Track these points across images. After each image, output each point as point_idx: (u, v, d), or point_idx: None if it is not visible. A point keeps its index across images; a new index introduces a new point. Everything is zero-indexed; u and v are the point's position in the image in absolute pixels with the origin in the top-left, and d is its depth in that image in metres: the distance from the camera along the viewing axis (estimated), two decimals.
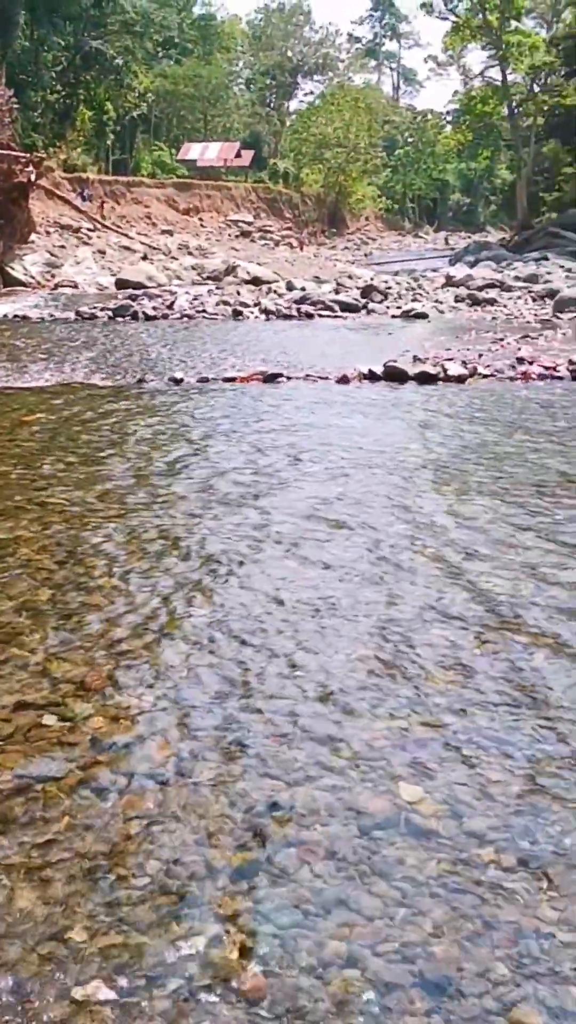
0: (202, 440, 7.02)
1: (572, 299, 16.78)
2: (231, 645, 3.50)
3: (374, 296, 19.89)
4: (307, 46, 71.32)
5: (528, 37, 45.73)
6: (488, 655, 3.42)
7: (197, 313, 17.48)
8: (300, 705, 3.05)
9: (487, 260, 30.23)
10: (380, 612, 3.80)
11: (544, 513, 5.07)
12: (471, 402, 8.60)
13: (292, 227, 55.15)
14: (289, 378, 9.92)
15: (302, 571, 4.26)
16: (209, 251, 37.30)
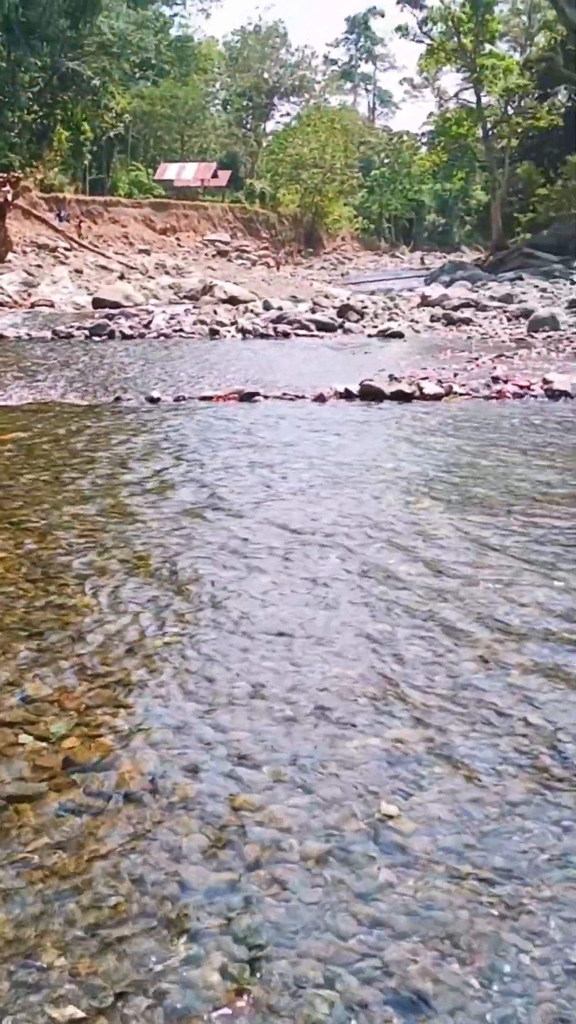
0: (177, 458, 7.01)
1: (546, 319, 16.91)
2: (205, 664, 3.48)
3: (350, 315, 19.98)
4: (283, 68, 71.88)
5: (502, 60, 46.33)
6: (469, 673, 3.42)
7: (174, 332, 17.52)
8: (274, 725, 3.05)
9: (462, 280, 30.42)
10: (354, 630, 3.80)
11: (517, 531, 5.09)
12: (446, 420, 8.65)
13: (269, 247, 55.39)
14: (266, 397, 9.93)
15: (275, 589, 4.26)
16: (186, 270, 37.41)
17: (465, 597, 4.14)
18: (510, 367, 12.10)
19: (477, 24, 44.28)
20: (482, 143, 47.97)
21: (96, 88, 43.23)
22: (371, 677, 3.39)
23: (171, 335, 17.25)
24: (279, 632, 3.79)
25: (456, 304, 21.46)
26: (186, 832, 2.48)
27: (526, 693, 3.25)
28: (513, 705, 3.17)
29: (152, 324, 18.28)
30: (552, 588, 4.24)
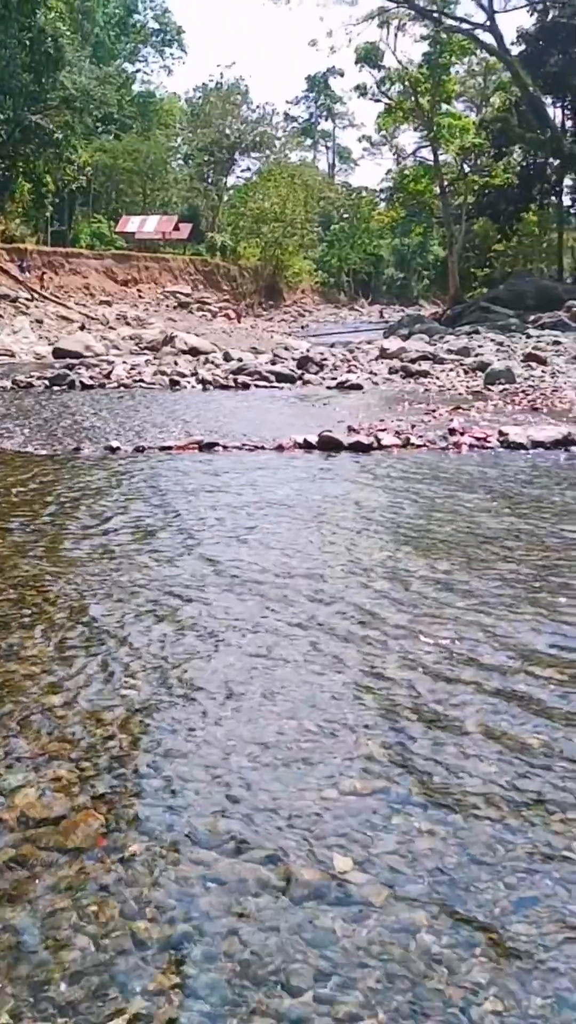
0: (135, 508, 7.04)
1: (502, 372, 17.16)
2: (163, 715, 3.50)
3: (310, 367, 20.15)
4: (244, 124, 72.94)
5: (458, 120, 47.36)
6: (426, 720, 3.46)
7: (134, 383, 17.59)
8: (233, 774, 3.06)
9: (420, 333, 30.78)
10: (310, 677, 3.83)
11: (462, 582, 5.15)
12: (403, 471, 8.74)
13: (230, 299, 55.83)
14: (225, 447, 10.00)
15: (232, 636, 4.28)
16: (147, 321, 37.60)
17: (408, 646, 4.19)
18: (467, 419, 12.25)
19: (434, 85, 45.30)
20: (439, 199, 48.83)
21: (59, 141, 43.57)
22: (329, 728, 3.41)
23: (131, 385, 17.33)
24: (246, 675, 3.81)
25: (414, 357, 21.70)
26: (143, 887, 2.48)
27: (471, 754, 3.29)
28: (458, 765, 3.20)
29: (113, 374, 18.34)
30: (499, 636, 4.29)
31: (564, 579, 5.19)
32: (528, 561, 5.58)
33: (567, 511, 6.96)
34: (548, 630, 4.38)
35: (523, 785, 2.99)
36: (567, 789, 2.97)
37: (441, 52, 44.56)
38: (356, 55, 47.07)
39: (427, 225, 58.37)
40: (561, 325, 30.83)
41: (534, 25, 42.18)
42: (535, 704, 3.59)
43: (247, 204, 62.63)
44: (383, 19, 42.98)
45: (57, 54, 41.86)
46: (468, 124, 48.07)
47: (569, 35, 39.75)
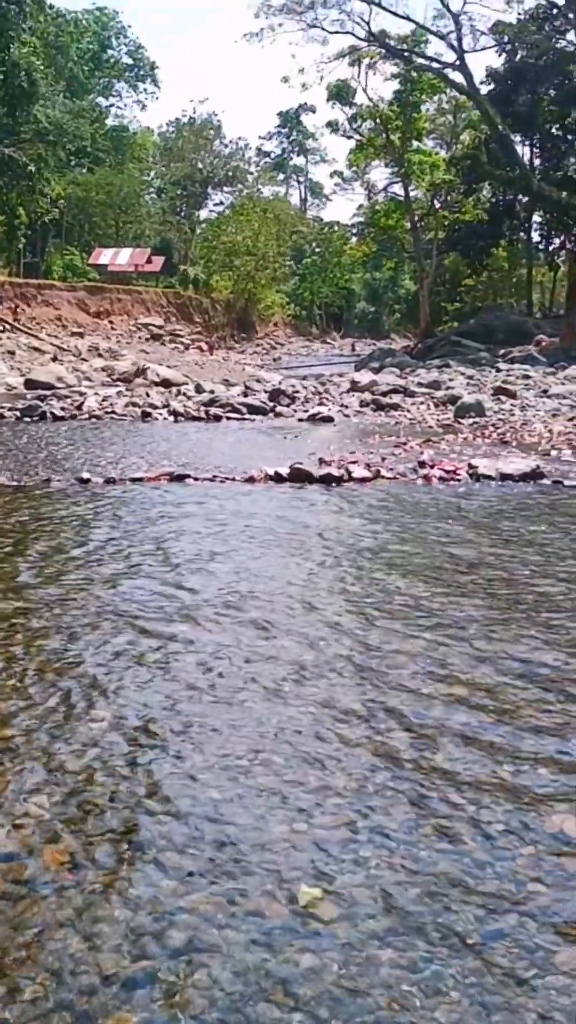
0: (104, 539, 7.04)
1: (472, 405, 17.27)
2: (127, 747, 3.49)
3: (282, 399, 20.21)
4: (217, 159, 73.49)
5: (429, 156, 47.96)
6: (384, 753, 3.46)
7: (106, 414, 17.57)
8: (198, 806, 3.05)
9: (391, 366, 30.98)
10: (268, 710, 3.83)
11: (430, 612, 5.18)
12: (373, 503, 8.78)
13: (202, 331, 56.02)
14: (196, 479, 10.01)
15: (194, 669, 4.28)
16: (119, 353, 37.61)
17: (380, 674, 4.20)
18: (437, 452, 12.32)
19: (405, 122, 45.89)
20: (410, 235, 49.36)
21: (32, 174, 43.67)
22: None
23: (103, 417, 17.31)
24: (209, 706, 3.80)
25: (385, 390, 21.82)
26: (108, 921, 2.47)
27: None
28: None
29: (84, 406, 18.32)
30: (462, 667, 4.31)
31: (527, 609, 5.23)
32: (494, 593, 5.62)
33: (533, 543, 7.01)
34: (517, 659, 4.41)
35: (491, 818, 3.01)
36: (535, 824, 2.98)
37: (412, 90, 45.19)
38: (328, 92, 47.69)
39: (398, 260, 58.96)
40: (531, 359, 31.13)
41: (503, 65, 42.88)
42: (508, 732, 3.61)
43: (220, 238, 63.02)
44: (354, 57, 43.56)
45: (31, 88, 42.09)
46: (438, 161, 48.72)
47: (537, 75, 40.41)
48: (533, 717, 3.78)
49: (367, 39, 39.58)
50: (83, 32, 66.26)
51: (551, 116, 42.39)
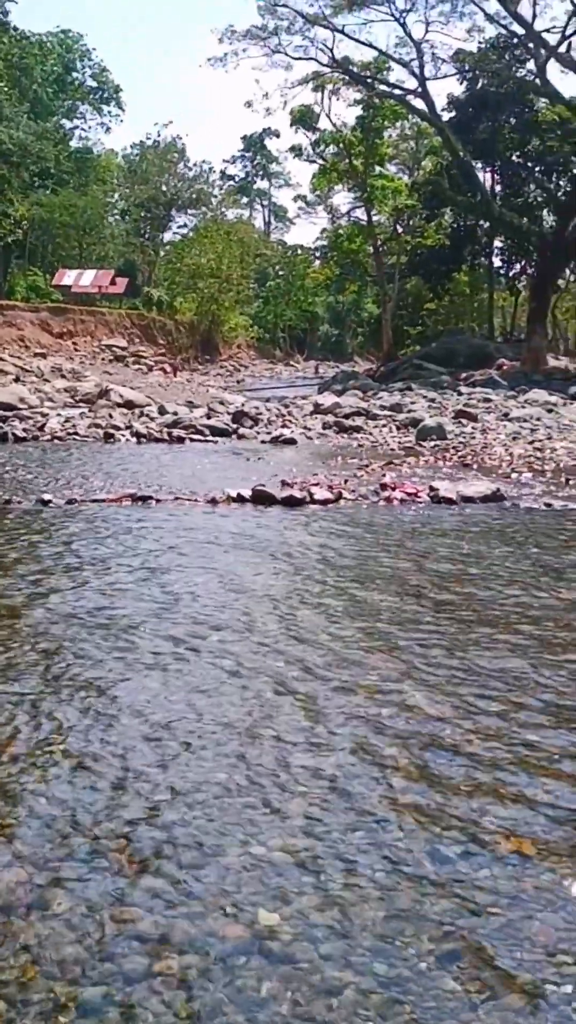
0: (64, 560, 7.01)
1: (434, 428, 17.40)
2: (86, 776, 3.48)
3: (245, 421, 20.27)
4: (181, 181, 73.73)
5: (391, 182, 48.43)
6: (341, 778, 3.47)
7: (68, 435, 17.52)
8: (158, 832, 3.05)
9: (354, 389, 31.13)
10: (230, 738, 3.83)
11: (388, 635, 5.20)
12: (334, 525, 8.81)
13: (166, 353, 55.99)
14: (158, 500, 10.01)
15: (151, 693, 4.28)
16: (82, 374, 37.50)
17: (337, 703, 4.22)
18: (398, 474, 12.40)
19: (367, 147, 46.34)
20: (373, 259, 49.76)
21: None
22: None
23: (65, 438, 17.26)
24: (168, 730, 3.80)
25: (348, 412, 21.93)
26: (66, 945, 2.46)
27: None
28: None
29: (46, 427, 18.26)
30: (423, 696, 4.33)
31: (489, 631, 5.26)
32: (454, 615, 5.65)
33: (493, 565, 7.06)
34: (472, 685, 4.43)
35: (448, 850, 3.02)
36: (486, 854, 3.00)
37: (374, 116, 45.66)
38: (291, 117, 48.06)
39: (361, 283, 59.33)
40: (491, 383, 31.40)
41: (464, 93, 43.41)
42: (465, 763, 3.63)
43: (183, 260, 63.14)
44: (318, 83, 43.95)
45: None
46: (401, 186, 49.25)
47: (497, 103, 40.95)
48: (485, 743, 3.80)
49: (330, 65, 39.96)
50: (47, 54, 66.29)
51: (511, 143, 42.96)
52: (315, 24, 37.47)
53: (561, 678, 4.51)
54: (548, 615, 5.65)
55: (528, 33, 35.70)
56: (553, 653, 4.90)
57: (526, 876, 2.80)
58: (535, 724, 3.95)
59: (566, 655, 4.86)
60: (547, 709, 4.12)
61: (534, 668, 4.66)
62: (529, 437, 17.07)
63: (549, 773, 3.48)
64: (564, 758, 3.60)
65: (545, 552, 7.60)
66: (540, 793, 3.32)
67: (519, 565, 7.06)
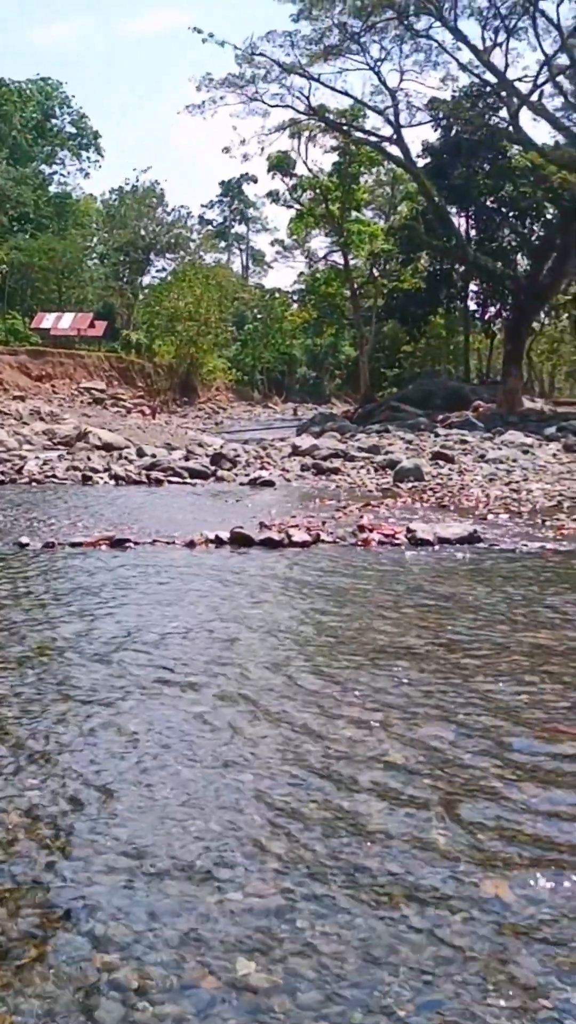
0: (39, 605, 6.99)
1: (411, 469, 17.48)
2: (60, 819, 3.46)
3: (223, 463, 20.30)
4: (160, 226, 74.31)
5: (367, 226, 48.96)
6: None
7: (47, 478, 17.51)
8: (134, 879, 3.03)
9: (332, 431, 31.27)
10: (200, 784, 3.82)
11: (363, 682, 5.20)
12: (311, 567, 8.82)
13: (144, 395, 56.09)
14: (136, 543, 10.00)
15: (121, 737, 4.27)
16: (61, 417, 37.50)
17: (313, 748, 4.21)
18: (376, 516, 12.44)
19: (344, 193, 46.87)
20: (350, 302, 50.16)
21: None
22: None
23: (44, 481, 17.25)
24: (137, 776, 3.78)
25: (326, 454, 22.01)
26: (41, 994, 2.43)
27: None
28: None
29: (24, 469, 18.25)
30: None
31: (465, 674, 5.27)
32: (431, 657, 5.66)
33: (470, 606, 7.08)
34: (450, 732, 4.44)
35: (426, 883, 3.02)
36: (463, 893, 3.00)
37: (350, 162, 46.23)
38: (269, 163, 48.52)
39: (338, 326, 59.70)
40: (468, 424, 31.58)
41: (438, 139, 44.01)
42: (440, 806, 3.63)
43: (162, 303, 63.42)
44: (294, 130, 44.46)
45: None
46: (377, 231, 49.79)
47: (471, 150, 41.52)
48: (467, 783, 3.80)
49: (307, 113, 40.43)
50: (27, 101, 66.93)
51: (485, 189, 43.51)
52: (291, 73, 37.94)
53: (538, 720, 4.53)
54: (526, 658, 5.67)
55: (501, 82, 36.34)
56: (532, 696, 4.91)
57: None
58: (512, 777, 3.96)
59: (546, 700, 4.88)
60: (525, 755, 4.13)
61: (512, 721, 4.67)
62: (505, 478, 17.17)
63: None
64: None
65: (522, 594, 7.63)
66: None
67: (497, 607, 7.08)
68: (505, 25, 35.83)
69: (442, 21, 35.59)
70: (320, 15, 36.41)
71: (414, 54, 37.96)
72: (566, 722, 4.51)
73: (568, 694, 4.94)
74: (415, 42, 37.40)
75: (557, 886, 2.99)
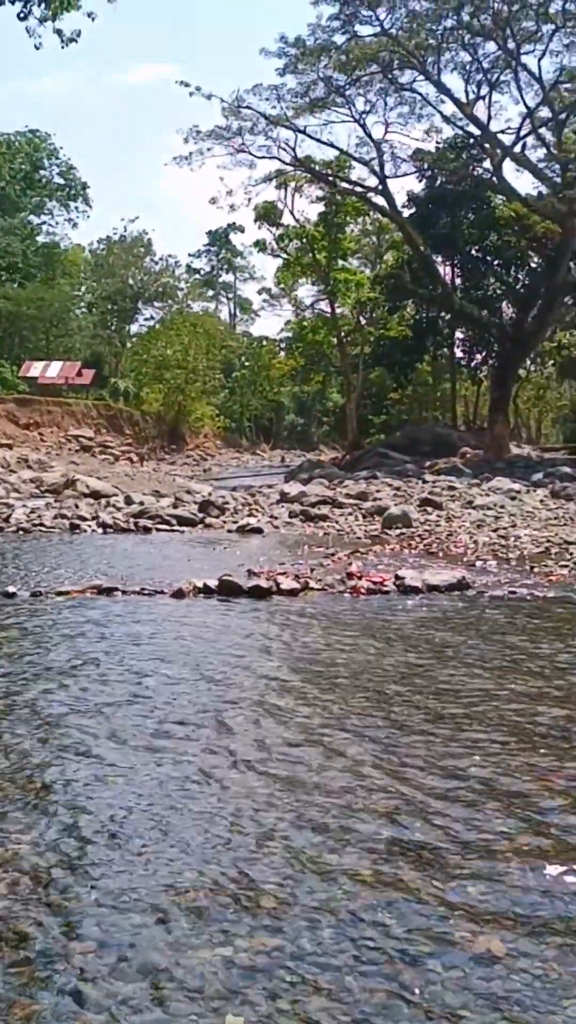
0: (24, 654, 6.95)
1: (399, 516, 17.51)
2: (57, 869, 3.42)
3: (211, 511, 20.28)
4: (147, 275, 74.87)
5: (354, 275, 49.45)
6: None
7: (34, 526, 17.45)
8: (122, 934, 2.99)
9: (320, 478, 31.30)
10: (178, 831, 3.79)
11: (356, 728, 5.18)
12: (300, 616, 8.80)
13: (132, 443, 56.14)
14: (124, 592, 9.96)
15: (102, 790, 4.24)
16: (48, 465, 37.49)
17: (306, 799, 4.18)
18: (365, 563, 12.43)
19: (330, 242, 47.41)
20: (337, 350, 50.54)
21: None
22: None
23: (31, 529, 17.19)
24: (117, 827, 3.74)
25: (314, 501, 22.02)
26: None
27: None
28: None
29: (12, 518, 18.19)
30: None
31: (453, 723, 5.25)
32: (420, 705, 5.64)
33: (459, 654, 7.07)
34: (440, 784, 4.41)
35: (413, 944, 2.98)
36: (451, 940, 2.97)
37: (336, 212, 46.80)
38: (256, 213, 49.08)
39: (326, 374, 60.09)
40: (455, 471, 31.68)
41: (423, 190, 44.56)
42: (431, 857, 3.60)
43: (150, 351, 63.68)
44: (281, 181, 45.02)
45: None
46: (363, 279, 50.30)
47: (456, 200, 42.07)
48: (457, 833, 3.78)
49: (293, 164, 40.92)
50: (15, 153, 67.61)
51: (470, 238, 44.00)
52: (278, 125, 38.46)
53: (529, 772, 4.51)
54: (518, 707, 5.65)
55: (484, 134, 36.92)
56: (523, 745, 4.89)
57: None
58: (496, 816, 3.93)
59: (535, 751, 4.86)
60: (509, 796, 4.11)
61: (502, 771, 4.65)
62: (493, 525, 17.20)
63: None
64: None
65: (513, 641, 7.62)
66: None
67: (486, 655, 7.07)
68: (488, 79, 36.46)
69: (426, 75, 36.19)
70: (306, 69, 36.97)
71: (398, 107, 38.58)
72: (555, 771, 4.49)
73: (559, 743, 4.92)
74: (399, 95, 38.01)
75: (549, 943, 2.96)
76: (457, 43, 35.60)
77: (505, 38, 34.44)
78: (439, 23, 34.76)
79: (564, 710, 5.54)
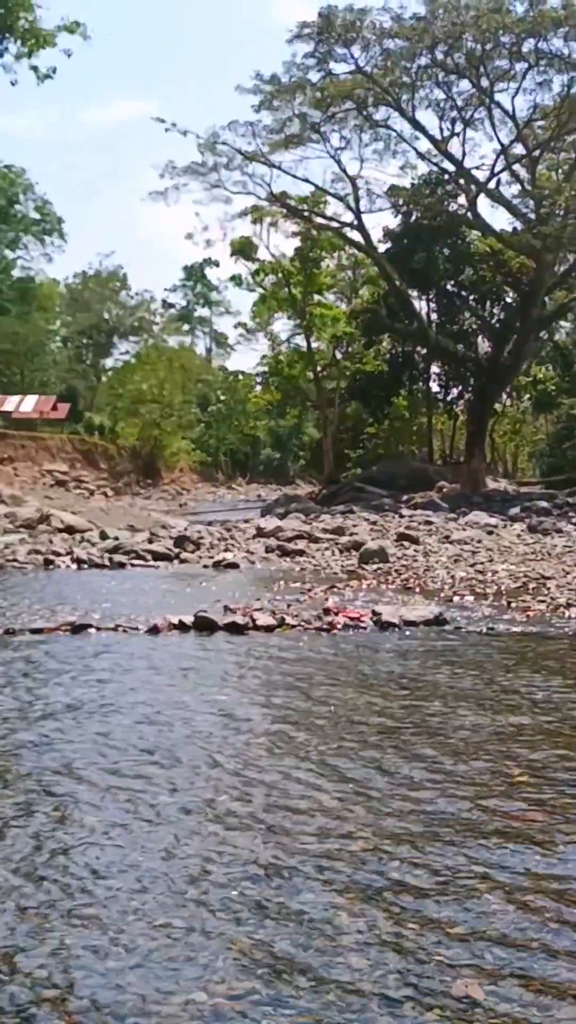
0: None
1: (376, 551, 17.45)
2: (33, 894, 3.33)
3: (187, 546, 20.16)
4: (123, 310, 75.25)
5: (329, 310, 49.70)
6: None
7: (7, 562, 17.28)
8: (97, 978, 2.90)
9: (296, 512, 31.24)
10: (157, 869, 3.71)
11: (332, 768, 5.11)
12: (276, 653, 8.73)
13: (108, 477, 56.07)
14: (98, 628, 9.86)
15: (78, 826, 4.15)
16: (23, 500, 37.27)
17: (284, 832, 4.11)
18: (341, 598, 12.36)
19: (306, 277, 47.67)
20: (313, 384, 50.71)
21: None
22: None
23: (4, 565, 17.02)
24: (97, 862, 3.66)
25: (290, 536, 21.93)
26: None
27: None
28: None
29: None
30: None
31: (431, 759, 5.18)
32: (397, 743, 5.57)
33: (436, 690, 7.01)
34: (417, 821, 4.35)
35: (393, 982, 2.91)
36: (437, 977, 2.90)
37: (312, 247, 47.10)
38: (231, 248, 49.35)
39: (302, 408, 60.27)
40: (432, 505, 31.73)
41: (399, 225, 44.91)
42: (406, 894, 3.53)
43: (125, 386, 63.80)
44: (256, 216, 45.32)
45: None
46: (339, 314, 50.58)
47: (431, 235, 42.40)
48: (436, 872, 3.71)
49: (269, 199, 41.21)
50: None
51: (446, 273, 44.35)
52: (253, 161, 38.75)
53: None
54: (494, 742, 5.60)
55: (459, 170, 37.34)
56: (501, 779, 4.83)
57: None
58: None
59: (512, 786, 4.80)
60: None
61: (479, 808, 4.58)
62: (470, 559, 17.18)
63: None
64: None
65: (489, 677, 7.57)
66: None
67: (464, 690, 7.01)
68: (462, 116, 36.88)
69: (400, 112, 36.59)
70: (281, 106, 37.31)
71: (373, 143, 38.93)
72: (535, 809, 4.43)
73: (537, 781, 4.87)
74: (374, 132, 38.37)
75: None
76: (431, 81, 36.04)
77: (479, 76, 34.91)
78: (413, 61, 35.16)
79: (542, 751, 5.49)
